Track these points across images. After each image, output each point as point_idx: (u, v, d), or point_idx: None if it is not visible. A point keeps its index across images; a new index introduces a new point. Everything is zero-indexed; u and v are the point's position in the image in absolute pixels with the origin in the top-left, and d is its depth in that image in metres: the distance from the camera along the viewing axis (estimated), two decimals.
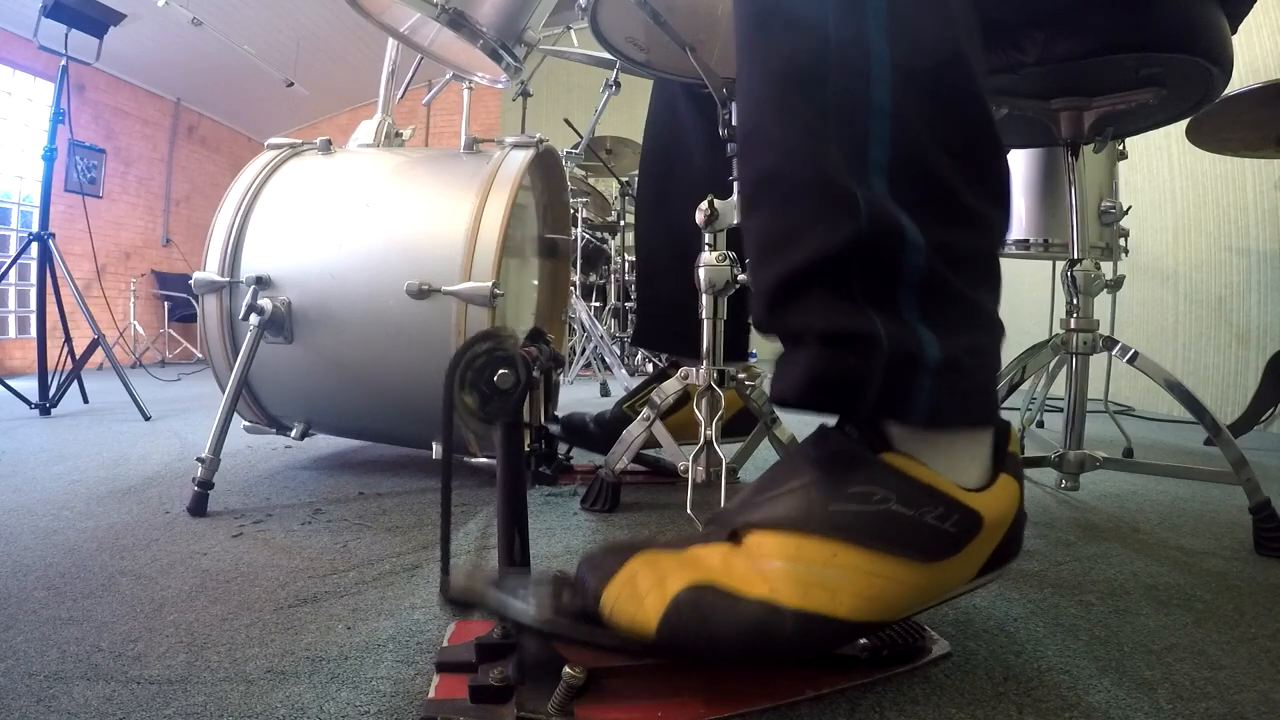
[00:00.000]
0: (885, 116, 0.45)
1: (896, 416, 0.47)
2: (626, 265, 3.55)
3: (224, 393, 1.07)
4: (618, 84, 2.29)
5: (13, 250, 4.24)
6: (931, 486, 0.46)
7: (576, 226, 3.17)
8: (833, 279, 0.46)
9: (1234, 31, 0.79)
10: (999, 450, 0.50)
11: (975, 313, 0.49)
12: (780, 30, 0.48)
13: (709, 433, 0.90)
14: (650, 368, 3.05)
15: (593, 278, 3.68)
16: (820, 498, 0.46)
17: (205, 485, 0.96)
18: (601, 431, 1.22)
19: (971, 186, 0.47)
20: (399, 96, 1.41)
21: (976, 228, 0.49)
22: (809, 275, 0.46)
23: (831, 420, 0.50)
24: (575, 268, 3.15)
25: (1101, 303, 1.05)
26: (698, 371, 0.95)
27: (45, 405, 2.02)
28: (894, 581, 0.45)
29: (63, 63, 2.20)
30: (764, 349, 1.26)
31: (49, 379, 2.05)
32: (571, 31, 2.30)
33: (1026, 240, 1.51)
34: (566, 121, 3.01)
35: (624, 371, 2.77)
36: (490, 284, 0.99)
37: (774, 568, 0.45)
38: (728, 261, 0.92)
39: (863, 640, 0.50)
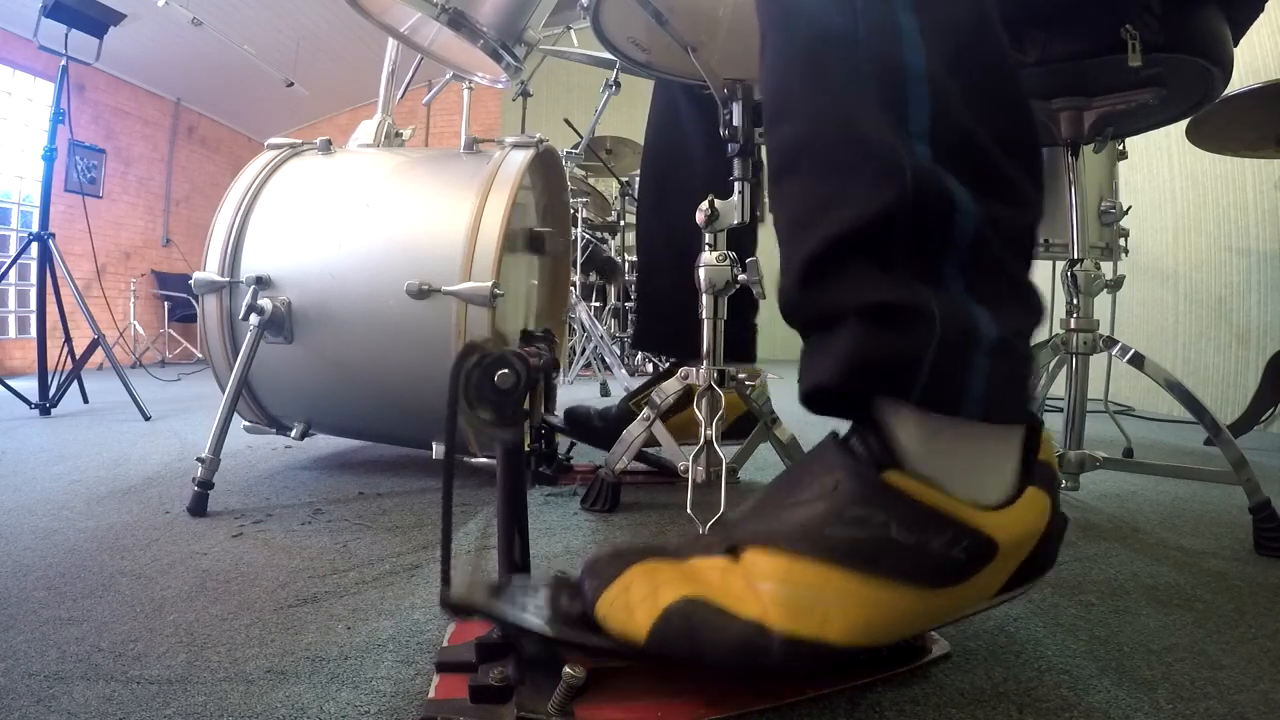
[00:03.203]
0: (921, 81, 0.42)
1: (946, 408, 0.42)
2: (627, 265, 3.55)
3: (224, 393, 1.07)
4: (618, 84, 2.29)
5: (13, 250, 4.24)
6: (937, 510, 0.43)
7: (576, 226, 3.17)
8: (876, 248, 0.42)
9: (1236, 43, 0.79)
10: (1027, 458, 0.47)
11: (1025, 291, 0.45)
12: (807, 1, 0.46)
13: (709, 433, 0.90)
14: (650, 368, 3.05)
15: (593, 278, 3.68)
16: (818, 519, 0.43)
17: (205, 485, 0.96)
18: (606, 427, 1.21)
19: (1009, 156, 0.45)
20: (399, 96, 1.41)
21: (1018, 201, 0.45)
22: (849, 245, 0.42)
23: (841, 429, 0.48)
24: (575, 267, 3.15)
25: (1101, 303, 1.05)
26: (698, 372, 0.95)
27: (45, 405, 2.02)
28: (889, 609, 0.43)
29: (63, 63, 2.20)
30: (763, 348, 1.26)
31: (49, 379, 2.05)
32: (571, 31, 2.30)
33: None
34: (566, 121, 3.01)
35: (624, 371, 2.77)
36: (490, 284, 0.99)
37: (766, 589, 0.43)
38: (728, 261, 0.92)
39: None
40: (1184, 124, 1.49)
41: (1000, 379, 0.42)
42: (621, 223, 3.55)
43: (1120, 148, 1.46)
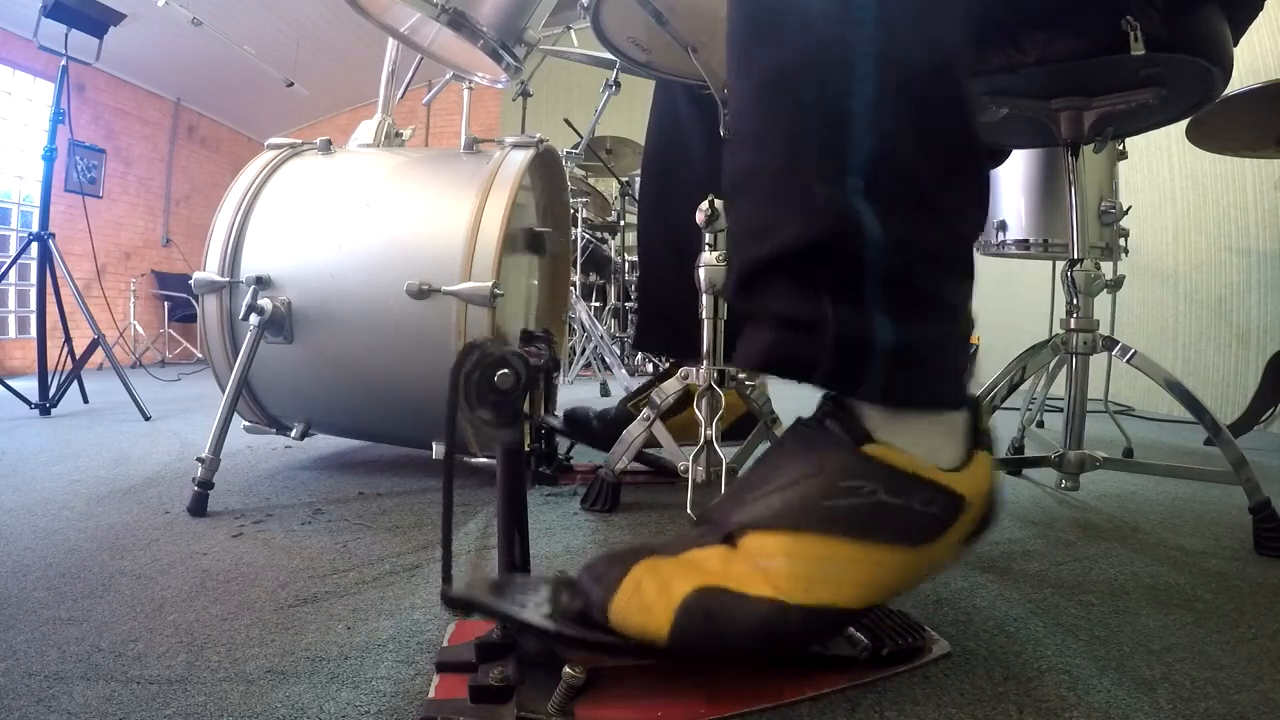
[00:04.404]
0: (864, 119, 0.47)
1: (849, 393, 0.50)
2: (627, 265, 3.55)
3: (224, 393, 1.07)
4: (618, 84, 2.29)
5: (13, 250, 4.24)
6: (914, 474, 0.48)
7: (576, 226, 3.17)
8: (793, 270, 0.50)
9: (1235, 42, 0.79)
10: (973, 426, 0.53)
11: (938, 305, 0.51)
12: (769, 36, 0.51)
13: (709, 433, 0.90)
14: (650, 368, 3.05)
15: (592, 277, 3.68)
16: (813, 494, 0.47)
17: (205, 485, 0.96)
18: (604, 428, 1.22)
19: (949, 186, 0.50)
20: (399, 96, 1.41)
21: (949, 226, 0.51)
22: (772, 265, 0.50)
23: (807, 414, 0.53)
24: (575, 267, 3.15)
25: (1101, 303, 1.05)
26: (698, 372, 0.95)
27: (45, 405, 2.02)
28: (887, 568, 0.48)
29: (63, 63, 2.20)
30: None
31: (49, 379, 2.05)
32: (571, 31, 2.30)
33: (1026, 240, 1.51)
34: (566, 121, 3.01)
35: (624, 371, 2.77)
36: (490, 284, 0.99)
37: (775, 566, 0.46)
38: (728, 262, 0.92)
39: (863, 640, 0.50)
40: (1184, 124, 1.48)
41: (904, 379, 0.49)
42: (621, 223, 3.54)
43: (1120, 148, 1.46)
